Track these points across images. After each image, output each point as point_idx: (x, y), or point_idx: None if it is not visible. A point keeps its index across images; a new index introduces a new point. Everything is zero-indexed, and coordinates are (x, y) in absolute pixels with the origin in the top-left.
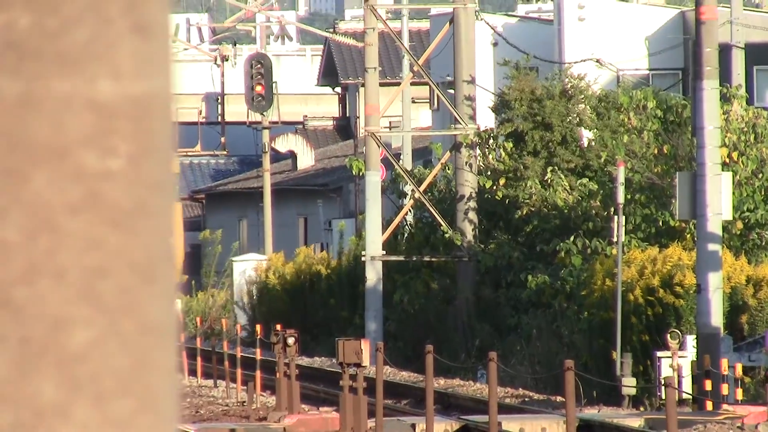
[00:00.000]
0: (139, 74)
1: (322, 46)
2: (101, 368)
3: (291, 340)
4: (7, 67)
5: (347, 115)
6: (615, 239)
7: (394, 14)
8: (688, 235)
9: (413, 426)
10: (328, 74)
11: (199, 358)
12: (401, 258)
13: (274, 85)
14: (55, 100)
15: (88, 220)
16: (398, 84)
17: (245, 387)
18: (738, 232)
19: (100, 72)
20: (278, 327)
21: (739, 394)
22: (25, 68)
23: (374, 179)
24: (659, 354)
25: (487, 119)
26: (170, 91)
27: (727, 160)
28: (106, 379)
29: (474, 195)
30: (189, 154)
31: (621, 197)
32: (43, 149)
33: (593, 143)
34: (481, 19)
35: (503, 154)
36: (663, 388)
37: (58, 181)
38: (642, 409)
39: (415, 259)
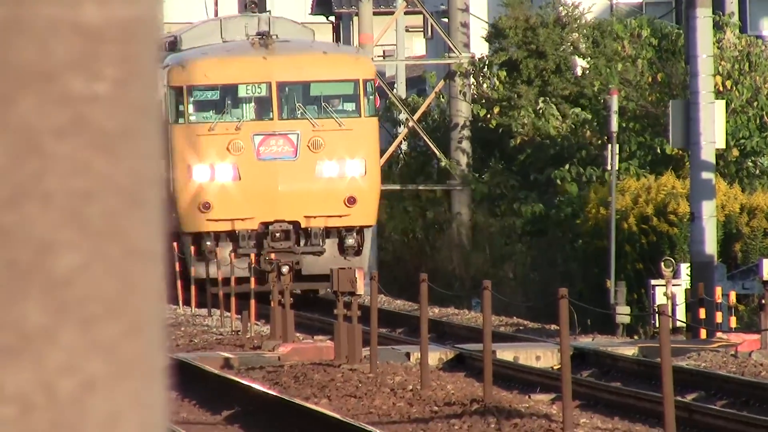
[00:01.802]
0: None
1: None
2: (87, 292)
3: (285, 269)
4: None
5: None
6: (609, 167)
7: None
8: (687, 164)
9: (408, 354)
10: (322, 3)
11: (193, 288)
12: (396, 187)
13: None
14: (40, 25)
15: (75, 144)
16: (392, 13)
17: (239, 316)
18: (733, 160)
19: None
20: (272, 256)
21: (733, 322)
22: None
23: None
24: (653, 282)
25: (481, 49)
26: (157, 15)
27: (721, 89)
28: (92, 303)
29: (468, 124)
30: None
31: (614, 125)
32: (28, 73)
33: (587, 71)
34: None
35: (497, 82)
36: (657, 316)
37: (44, 105)
38: (636, 337)
39: (409, 187)
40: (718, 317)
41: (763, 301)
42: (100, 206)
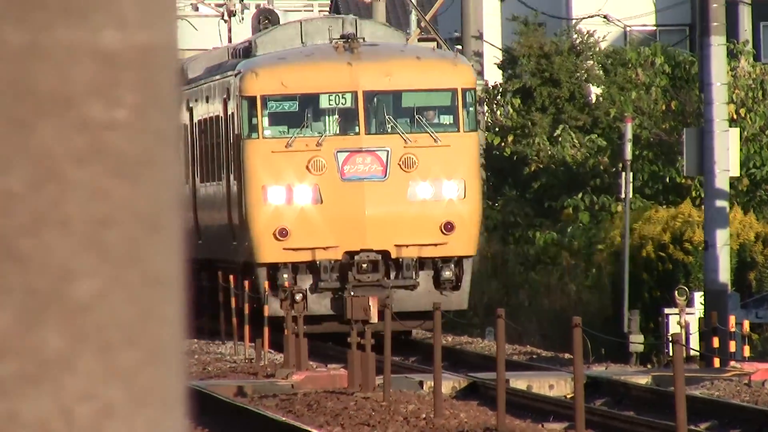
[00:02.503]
0: (144, 24)
1: (329, 2)
2: (106, 319)
3: (299, 297)
4: (13, 17)
5: None
6: (623, 195)
7: None
8: (694, 192)
9: (421, 383)
10: None
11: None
12: None
13: None
14: (60, 50)
15: (94, 170)
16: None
17: (253, 344)
18: (744, 189)
19: (106, 22)
20: (285, 283)
21: (747, 351)
22: (31, 18)
23: None
24: (667, 311)
25: (495, 76)
26: (175, 41)
27: (735, 117)
28: (111, 330)
29: (482, 152)
30: None
31: (629, 153)
32: (48, 99)
33: (601, 99)
34: None
35: (511, 110)
36: (670, 344)
37: (64, 131)
38: (649, 366)
39: None
40: (732, 346)
41: None
42: (119, 233)
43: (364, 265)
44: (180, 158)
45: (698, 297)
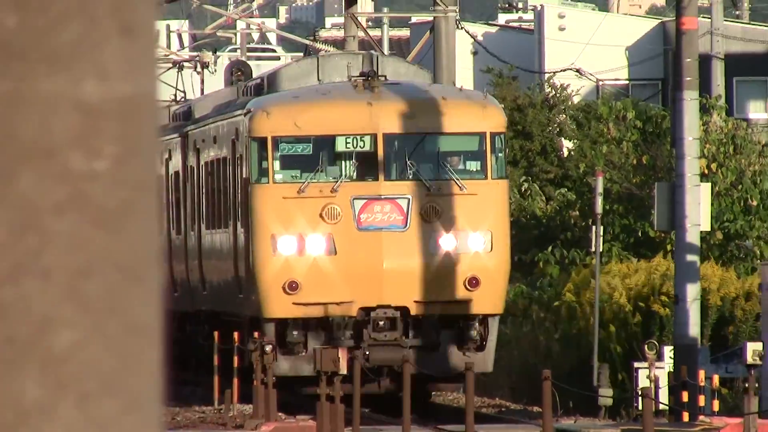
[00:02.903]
0: (125, 75)
1: (302, 54)
2: (85, 369)
3: (268, 348)
4: None
5: None
6: (593, 249)
7: (374, 22)
8: (669, 246)
9: None
10: None
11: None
12: None
13: None
14: (41, 100)
15: (74, 220)
16: None
17: (223, 394)
18: (716, 243)
19: (87, 72)
20: (256, 335)
21: (716, 405)
22: (12, 68)
23: None
24: (636, 365)
25: None
26: (155, 92)
27: (706, 171)
28: (90, 379)
29: None
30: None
31: (599, 207)
32: (29, 149)
33: (572, 153)
34: (462, 28)
35: None
36: (640, 398)
37: (44, 181)
38: (618, 419)
39: None
40: (701, 400)
41: (747, 385)
42: (99, 282)
43: (381, 323)
44: (160, 208)
45: (668, 351)
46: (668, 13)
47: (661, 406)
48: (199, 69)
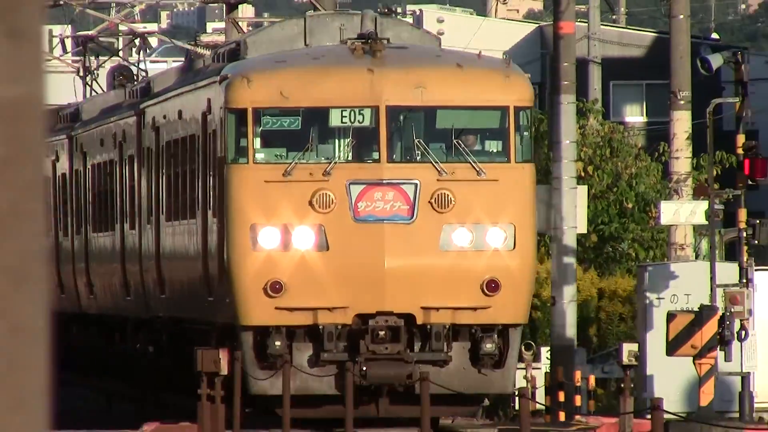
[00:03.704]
0: (12, 78)
1: (183, 59)
2: None
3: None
4: None
5: None
6: None
7: (255, 27)
8: (543, 248)
9: None
10: None
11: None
12: None
13: None
14: None
15: None
16: None
17: None
18: (591, 245)
19: None
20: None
21: (592, 405)
22: None
23: None
24: None
25: None
26: (43, 95)
27: (583, 174)
28: None
29: None
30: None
31: None
32: None
33: None
34: None
35: None
36: (517, 399)
37: None
38: (496, 419)
39: None
40: (578, 400)
41: (623, 385)
42: None
43: (381, 333)
44: (46, 211)
45: (545, 352)
46: (546, 17)
47: (538, 406)
48: (82, 73)
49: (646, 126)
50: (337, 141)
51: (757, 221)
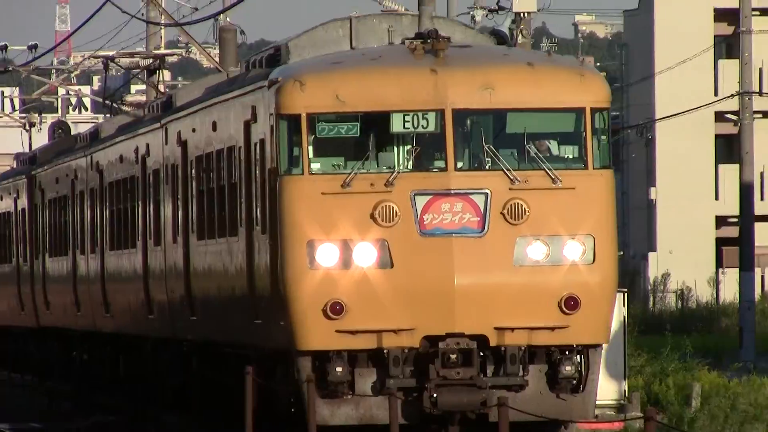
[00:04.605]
0: None
1: (109, 114)
2: None
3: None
4: None
5: None
6: None
7: (171, 88)
8: None
9: None
10: None
11: None
12: None
13: None
14: None
15: None
16: None
17: None
18: None
19: None
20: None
21: None
22: None
23: None
24: None
25: None
26: None
27: None
28: None
29: None
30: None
31: None
32: None
33: None
34: None
35: None
36: None
37: None
38: None
39: None
40: None
41: None
42: None
43: (452, 356)
44: None
45: None
46: None
47: None
48: (27, 127)
49: None
50: (399, 148)
51: None
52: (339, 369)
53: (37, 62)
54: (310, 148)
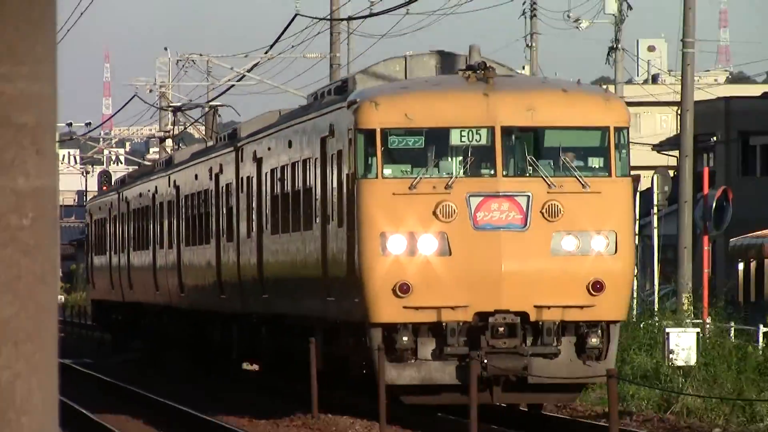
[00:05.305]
0: (38, 176)
1: (137, 167)
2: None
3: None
4: None
5: None
6: None
7: (175, 150)
8: None
9: None
10: None
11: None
12: None
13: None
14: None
15: (11, 249)
16: None
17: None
18: None
19: (18, 174)
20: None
21: None
22: None
23: None
24: None
25: None
26: (55, 185)
27: None
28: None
29: None
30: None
31: None
32: None
33: None
34: None
35: None
36: None
37: None
38: None
39: None
40: None
41: None
42: (25, 281)
43: (500, 329)
44: (57, 241)
45: None
46: None
47: None
48: (84, 174)
49: None
50: (456, 158)
51: None
52: (405, 338)
53: (91, 133)
54: (384, 156)
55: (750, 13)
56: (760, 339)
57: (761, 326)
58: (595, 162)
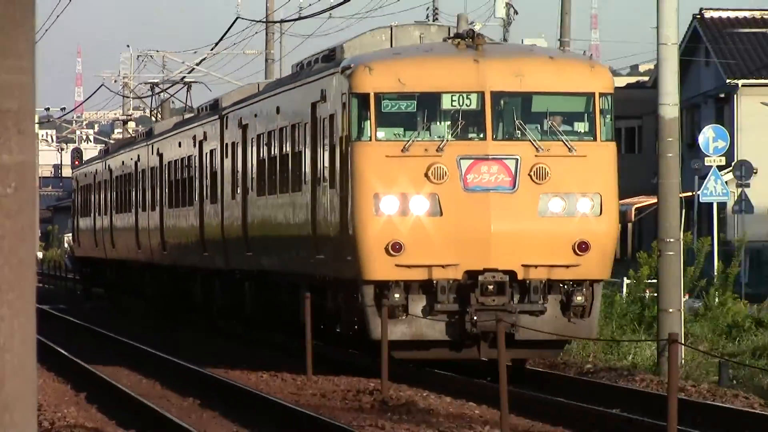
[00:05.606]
0: (20, 152)
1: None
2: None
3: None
4: None
5: None
6: None
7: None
8: None
9: None
10: None
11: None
12: None
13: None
14: None
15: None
16: None
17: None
18: None
19: (2, 151)
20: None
21: None
22: None
23: None
24: None
25: None
26: (34, 160)
27: None
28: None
29: None
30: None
31: None
32: None
33: None
34: None
35: None
36: None
37: None
38: None
39: None
40: None
41: None
42: (7, 239)
43: (489, 287)
44: (35, 209)
45: None
46: None
47: None
48: (59, 151)
49: None
50: (447, 121)
51: None
52: (397, 295)
53: (65, 117)
54: (377, 120)
55: (617, 17)
56: (624, 289)
57: (625, 279)
58: (581, 126)
